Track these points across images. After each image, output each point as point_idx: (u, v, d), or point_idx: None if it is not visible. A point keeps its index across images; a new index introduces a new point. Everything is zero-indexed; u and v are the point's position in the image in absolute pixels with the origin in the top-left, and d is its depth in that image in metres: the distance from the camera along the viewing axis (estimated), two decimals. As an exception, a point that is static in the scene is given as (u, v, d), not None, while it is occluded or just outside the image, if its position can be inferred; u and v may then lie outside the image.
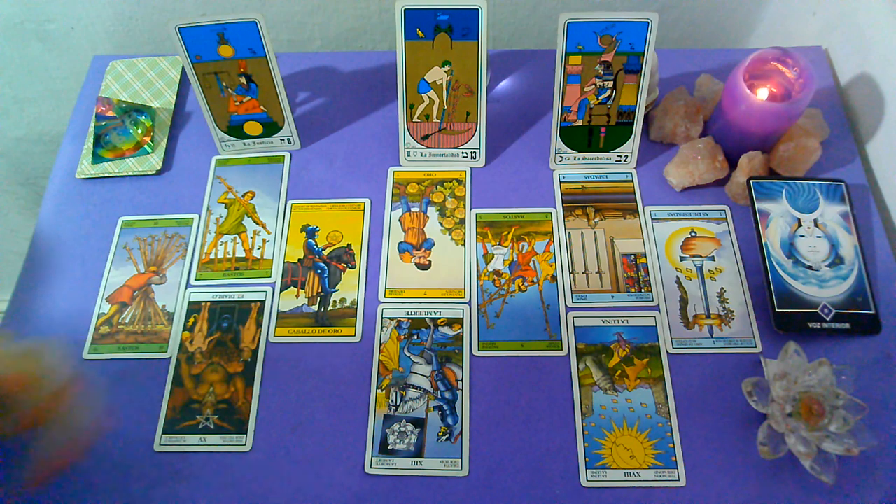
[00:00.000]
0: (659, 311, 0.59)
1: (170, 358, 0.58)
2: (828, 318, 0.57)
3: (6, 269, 1.10)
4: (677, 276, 0.61)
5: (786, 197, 0.62)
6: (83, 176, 0.68)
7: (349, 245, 0.64)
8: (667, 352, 0.57)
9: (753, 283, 0.60)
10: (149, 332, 0.60)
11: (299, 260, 0.63)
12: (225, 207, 0.66)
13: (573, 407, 0.55)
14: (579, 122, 0.64)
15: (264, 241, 0.64)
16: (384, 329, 0.59)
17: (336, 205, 0.66)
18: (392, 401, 0.56)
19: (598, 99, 0.62)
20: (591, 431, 0.54)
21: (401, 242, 0.64)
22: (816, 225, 0.61)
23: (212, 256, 0.63)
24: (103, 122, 0.69)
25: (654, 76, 0.66)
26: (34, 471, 0.42)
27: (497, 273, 0.62)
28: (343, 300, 0.61)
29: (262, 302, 0.61)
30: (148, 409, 0.56)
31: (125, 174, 0.68)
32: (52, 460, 0.42)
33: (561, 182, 0.66)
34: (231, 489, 0.53)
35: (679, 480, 0.52)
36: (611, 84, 0.61)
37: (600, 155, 0.66)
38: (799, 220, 0.61)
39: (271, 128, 0.68)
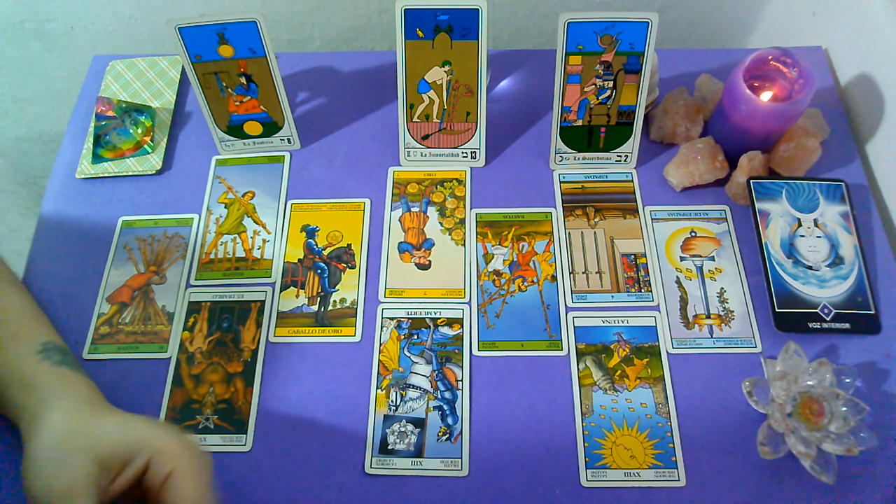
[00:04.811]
0: (659, 311, 0.59)
1: (170, 358, 0.58)
2: (828, 318, 0.57)
3: (6, 269, 1.09)
4: (677, 276, 0.61)
5: (786, 197, 0.62)
6: (83, 176, 0.68)
7: (349, 245, 0.64)
8: (667, 352, 0.57)
9: (753, 283, 0.60)
10: (149, 332, 0.60)
11: (299, 260, 0.63)
12: (225, 207, 0.66)
13: (573, 407, 0.55)
14: (579, 122, 0.64)
15: (264, 241, 0.64)
16: (384, 329, 0.59)
17: (336, 205, 0.66)
18: (392, 401, 0.56)
19: (598, 99, 0.62)
20: (591, 431, 0.54)
21: (401, 242, 0.64)
22: (816, 225, 0.61)
23: (212, 256, 0.63)
24: (103, 122, 0.69)
25: (654, 76, 0.66)
26: None
27: (497, 273, 0.62)
28: (343, 300, 0.61)
29: (262, 302, 0.61)
30: (148, 409, 0.56)
31: (125, 174, 0.68)
32: None
33: (561, 182, 0.66)
34: (231, 489, 0.53)
35: (679, 480, 0.52)
36: (611, 84, 0.61)
37: (600, 155, 0.66)
38: (799, 220, 0.61)
39: (271, 128, 0.68)
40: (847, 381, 0.53)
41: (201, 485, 0.41)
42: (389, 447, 0.54)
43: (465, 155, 0.67)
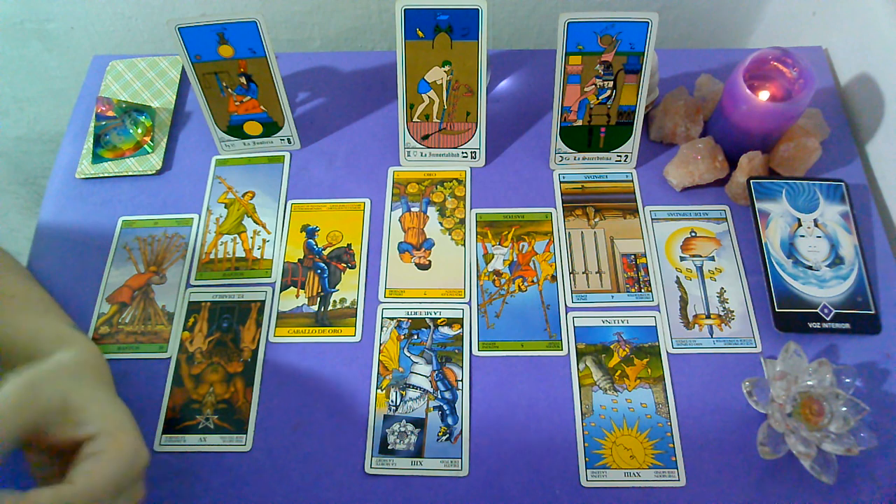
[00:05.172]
0: (659, 311, 0.59)
1: (170, 358, 0.58)
2: (828, 318, 0.57)
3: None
4: (677, 276, 0.61)
5: (786, 197, 0.62)
6: (83, 176, 0.68)
7: (349, 245, 0.64)
8: (667, 352, 0.57)
9: (753, 283, 0.60)
10: (149, 332, 0.60)
11: (299, 260, 0.63)
12: (225, 207, 0.66)
13: (573, 407, 0.55)
14: (579, 122, 0.64)
15: (264, 241, 0.64)
16: (384, 329, 0.59)
17: (336, 205, 0.66)
18: (392, 401, 0.56)
19: (598, 99, 0.62)
20: (591, 431, 0.54)
21: (401, 242, 0.64)
22: (816, 225, 0.61)
23: (212, 256, 0.63)
24: (103, 122, 0.69)
25: (654, 76, 0.66)
26: None
27: (497, 273, 0.62)
28: (343, 300, 0.61)
29: (262, 302, 0.61)
30: (148, 409, 0.56)
31: (125, 174, 0.68)
32: None
33: (561, 182, 0.66)
34: (231, 489, 0.53)
35: (679, 480, 0.52)
36: (611, 84, 0.61)
37: (600, 155, 0.66)
38: (799, 220, 0.61)
39: (271, 128, 0.68)
40: (847, 381, 0.53)
41: (115, 477, 0.41)
42: (389, 447, 0.54)
43: (465, 155, 0.67)
